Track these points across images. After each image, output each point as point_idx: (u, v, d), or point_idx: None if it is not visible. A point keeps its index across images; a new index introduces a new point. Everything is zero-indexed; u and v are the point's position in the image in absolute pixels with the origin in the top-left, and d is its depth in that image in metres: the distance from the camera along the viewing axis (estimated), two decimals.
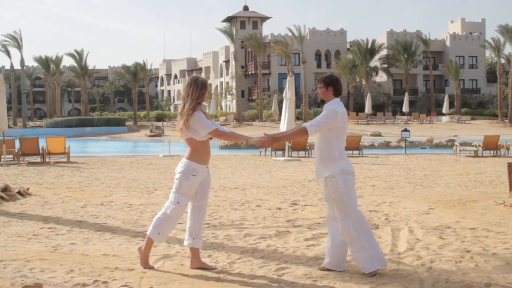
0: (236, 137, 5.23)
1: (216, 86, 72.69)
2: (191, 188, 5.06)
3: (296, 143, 21.18)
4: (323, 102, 5.23)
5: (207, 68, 77.48)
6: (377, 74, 61.72)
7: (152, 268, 5.20)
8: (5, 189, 9.90)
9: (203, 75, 76.80)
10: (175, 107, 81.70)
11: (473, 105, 65.52)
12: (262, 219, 7.81)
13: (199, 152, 5.07)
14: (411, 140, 28.56)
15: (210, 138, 5.12)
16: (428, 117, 54.43)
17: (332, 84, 5.14)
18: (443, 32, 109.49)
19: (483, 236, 6.63)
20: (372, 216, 8.05)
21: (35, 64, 68.85)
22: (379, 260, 5.00)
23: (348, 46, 66.71)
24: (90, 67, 66.71)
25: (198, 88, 5.01)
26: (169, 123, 55.59)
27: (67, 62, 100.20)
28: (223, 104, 70.57)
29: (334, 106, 5.05)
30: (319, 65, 65.87)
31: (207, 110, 58.47)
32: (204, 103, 5.19)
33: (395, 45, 61.06)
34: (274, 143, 5.02)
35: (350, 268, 5.28)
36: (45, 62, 64.76)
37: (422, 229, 7.06)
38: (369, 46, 59.92)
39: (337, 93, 5.16)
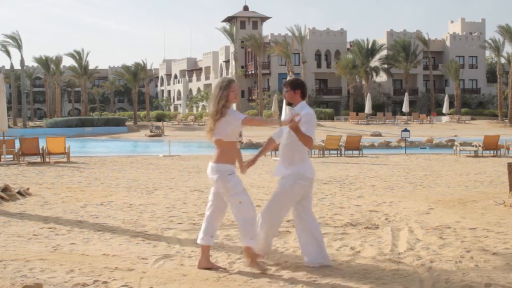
0: (268, 122, 5.31)
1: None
2: (240, 183, 5.10)
3: None
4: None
5: (207, 68, 77.43)
6: (377, 74, 61.71)
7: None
8: (5, 189, 9.90)
9: (203, 75, 76.90)
10: (175, 107, 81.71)
11: (473, 105, 65.52)
12: None
13: (228, 153, 5.13)
14: (411, 140, 28.54)
15: (240, 142, 5.16)
16: (428, 117, 54.42)
17: (300, 87, 5.24)
18: (443, 32, 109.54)
19: (483, 236, 6.63)
20: (372, 216, 8.05)
21: (35, 64, 68.77)
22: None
23: (348, 46, 66.68)
24: (91, 67, 66.69)
25: (223, 89, 5.12)
26: (169, 123, 55.61)
27: (67, 62, 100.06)
28: None
29: (308, 110, 5.12)
30: (319, 65, 65.82)
31: (207, 111, 57.52)
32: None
33: (395, 45, 61.05)
34: (297, 130, 4.91)
35: (350, 268, 5.29)
36: (45, 62, 64.73)
37: (422, 229, 7.07)
38: (369, 46, 59.92)
39: (304, 95, 5.26)
